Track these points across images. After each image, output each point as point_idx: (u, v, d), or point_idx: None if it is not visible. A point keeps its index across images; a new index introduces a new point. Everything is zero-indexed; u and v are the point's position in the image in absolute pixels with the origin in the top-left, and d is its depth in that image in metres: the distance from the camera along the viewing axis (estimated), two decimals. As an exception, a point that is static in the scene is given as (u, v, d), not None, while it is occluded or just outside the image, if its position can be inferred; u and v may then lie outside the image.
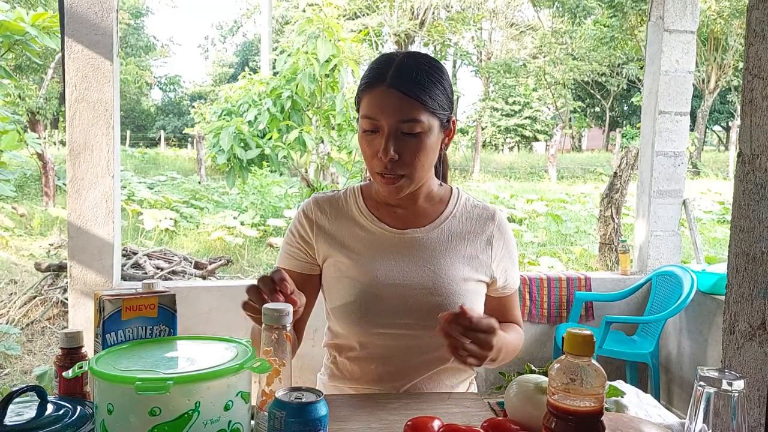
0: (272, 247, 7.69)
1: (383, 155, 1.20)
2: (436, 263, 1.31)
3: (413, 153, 1.22)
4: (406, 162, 1.22)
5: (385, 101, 1.20)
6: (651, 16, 3.77)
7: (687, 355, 3.59)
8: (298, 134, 5.00)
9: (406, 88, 1.20)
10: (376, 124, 1.21)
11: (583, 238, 8.67)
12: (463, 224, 1.37)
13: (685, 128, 3.79)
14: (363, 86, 1.25)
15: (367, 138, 1.24)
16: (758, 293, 1.17)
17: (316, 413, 0.86)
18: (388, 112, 1.20)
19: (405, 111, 1.20)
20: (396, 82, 1.20)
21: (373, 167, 1.25)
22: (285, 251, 1.37)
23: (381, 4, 19.80)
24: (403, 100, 1.19)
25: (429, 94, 1.21)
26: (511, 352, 1.32)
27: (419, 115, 1.20)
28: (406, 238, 1.33)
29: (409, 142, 1.21)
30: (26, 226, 8.17)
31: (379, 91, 1.21)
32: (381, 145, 1.21)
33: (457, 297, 1.29)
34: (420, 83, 1.21)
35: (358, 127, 1.28)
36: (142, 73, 24.14)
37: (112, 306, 1.00)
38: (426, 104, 1.21)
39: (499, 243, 1.37)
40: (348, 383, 1.36)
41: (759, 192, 1.16)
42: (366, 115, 1.23)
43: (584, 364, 0.79)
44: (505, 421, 1.00)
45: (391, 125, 1.20)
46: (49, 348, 4.37)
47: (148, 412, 0.78)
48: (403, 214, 1.35)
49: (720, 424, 0.81)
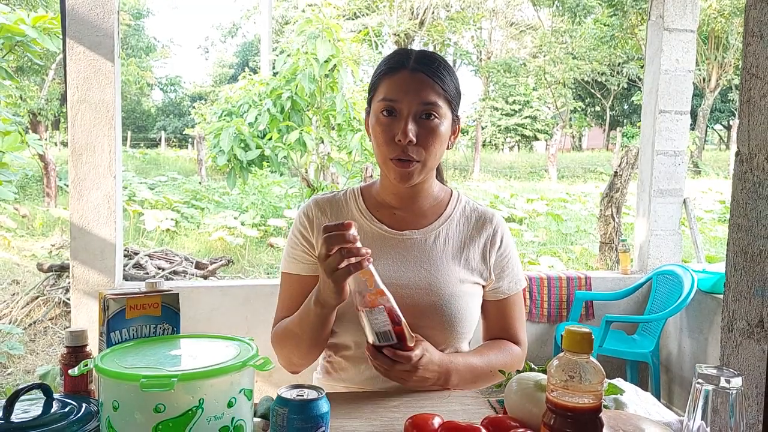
0: (273, 247, 7.71)
1: (402, 137, 1.22)
2: (433, 264, 1.32)
3: (429, 138, 1.25)
4: (421, 146, 1.25)
5: (408, 83, 1.24)
6: (651, 15, 3.77)
7: (687, 355, 3.60)
8: (298, 135, 5.01)
9: (430, 71, 1.25)
10: (396, 107, 1.24)
11: (584, 238, 8.68)
12: (461, 227, 1.38)
13: (685, 127, 3.79)
14: (383, 72, 1.28)
15: (383, 122, 1.26)
16: (756, 291, 1.18)
17: (318, 410, 0.88)
18: (411, 94, 1.24)
19: (427, 93, 1.24)
20: (419, 66, 1.25)
21: (388, 153, 1.26)
22: (289, 255, 1.38)
23: (381, 4, 19.80)
24: (425, 83, 1.24)
25: (446, 82, 1.26)
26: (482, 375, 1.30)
27: (438, 99, 1.25)
28: (404, 239, 1.34)
29: (426, 127, 1.25)
30: (28, 227, 8.18)
31: (401, 75, 1.25)
32: (398, 129, 1.23)
33: (453, 298, 1.30)
34: (438, 70, 1.26)
35: (372, 114, 1.30)
36: (142, 74, 24.14)
37: (117, 305, 1.01)
38: (446, 90, 1.26)
39: (497, 247, 1.38)
40: (342, 382, 1.37)
41: (757, 191, 1.17)
42: (386, 97, 1.25)
43: (583, 361, 0.80)
44: (504, 418, 1.01)
45: (411, 107, 1.23)
46: (52, 348, 4.38)
47: (152, 408, 0.79)
48: (402, 216, 1.37)
49: (718, 421, 0.81)
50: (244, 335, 1.07)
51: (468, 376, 1.28)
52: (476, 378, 1.29)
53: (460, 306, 1.31)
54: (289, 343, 1.31)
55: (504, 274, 1.39)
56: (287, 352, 1.34)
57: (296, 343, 1.29)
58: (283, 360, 1.36)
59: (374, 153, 1.32)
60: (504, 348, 1.38)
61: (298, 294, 1.34)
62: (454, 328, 1.30)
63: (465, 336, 1.35)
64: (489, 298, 1.39)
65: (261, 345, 0.96)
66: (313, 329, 1.25)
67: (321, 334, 1.27)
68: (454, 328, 1.30)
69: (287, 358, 1.35)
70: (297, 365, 1.35)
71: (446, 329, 1.29)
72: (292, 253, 1.37)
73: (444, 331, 1.29)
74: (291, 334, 1.30)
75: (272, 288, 3.41)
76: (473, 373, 1.29)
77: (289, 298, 1.37)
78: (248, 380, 0.88)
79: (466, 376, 1.28)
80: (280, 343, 1.34)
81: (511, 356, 1.37)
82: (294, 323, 1.29)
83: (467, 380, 1.28)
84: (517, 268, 1.41)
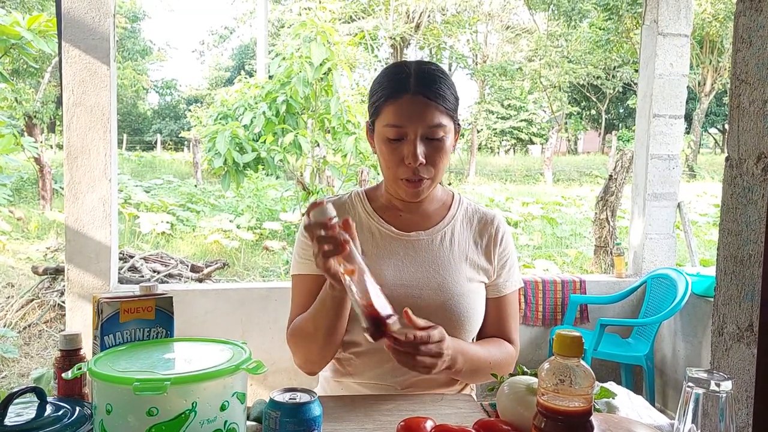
0: (268, 250, 7.70)
1: (412, 161, 1.25)
2: (441, 264, 1.36)
3: (437, 156, 1.28)
4: (430, 165, 1.28)
5: (412, 108, 1.25)
6: (645, 20, 3.79)
7: (682, 358, 3.61)
8: (294, 137, 5.02)
9: (431, 94, 1.26)
10: (402, 132, 1.26)
11: (578, 241, 8.70)
12: (464, 227, 1.42)
13: (679, 131, 3.81)
14: (384, 96, 1.28)
15: (390, 146, 1.28)
16: (746, 295, 1.19)
17: (311, 413, 0.88)
18: (416, 119, 1.25)
19: (431, 116, 1.25)
20: (420, 89, 1.26)
21: (398, 174, 1.29)
22: (300, 257, 1.39)
23: (376, 8, 19.83)
24: (429, 106, 1.25)
25: (447, 98, 1.28)
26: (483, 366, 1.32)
27: (442, 119, 1.27)
28: (411, 239, 1.37)
29: (434, 146, 1.27)
30: (23, 230, 8.16)
31: (404, 100, 1.26)
32: (407, 152, 1.25)
33: (462, 296, 1.34)
34: (439, 88, 1.27)
35: (377, 135, 1.31)
36: (138, 77, 24.13)
37: (111, 308, 1.01)
38: (447, 108, 1.28)
39: (499, 245, 1.42)
40: (351, 378, 1.38)
41: (746, 195, 1.18)
42: (392, 123, 1.26)
43: (573, 365, 0.81)
44: (496, 421, 1.02)
45: (418, 131, 1.25)
46: (46, 351, 4.37)
47: (146, 412, 0.80)
48: (408, 217, 1.40)
49: (708, 424, 0.82)
50: (239, 338, 1.07)
51: (470, 366, 1.29)
52: (477, 368, 1.31)
53: (468, 304, 1.34)
54: (306, 339, 1.31)
55: (503, 272, 1.42)
56: (304, 350, 1.34)
57: (313, 337, 1.29)
58: (299, 359, 1.35)
59: (382, 171, 1.34)
60: (501, 345, 1.40)
61: (312, 293, 1.34)
62: (463, 326, 1.33)
63: (471, 334, 1.38)
64: (487, 295, 1.42)
65: (255, 348, 0.96)
66: (329, 318, 1.25)
67: (336, 324, 1.26)
68: (463, 326, 1.33)
69: (304, 356, 1.34)
70: (314, 363, 1.35)
71: (455, 327, 1.32)
72: (303, 254, 1.38)
73: (453, 330, 1.31)
74: (307, 328, 1.30)
75: (267, 291, 3.41)
76: (475, 362, 1.30)
77: (304, 297, 1.36)
78: (241, 384, 0.89)
79: (469, 365, 1.29)
80: (296, 340, 1.34)
81: (507, 355, 1.39)
82: (309, 319, 1.30)
83: (469, 369, 1.29)
84: (515, 268, 1.45)
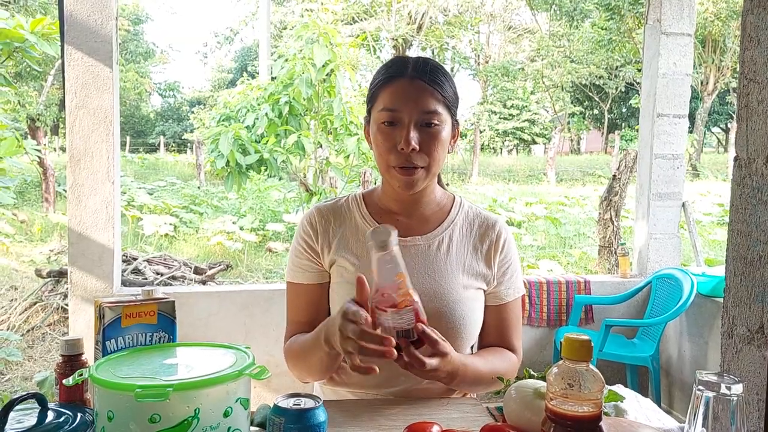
0: (271, 252, 7.70)
1: (405, 146, 1.23)
2: (437, 271, 1.32)
3: (431, 144, 1.26)
4: (424, 153, 1.25)
5: (408, 91, 1.25)
6: (648, 19, 3.78)
7: (688, 359, 3.59)
8: (296, 139, 5.01)
9: (428, 78, 1.25)
10: (397, 116, 1.25)
11: (583, 241, 8.67)
12: (464, 232, 1.38)
13: (683, 131, 3.79)
14: (382, 81, 1.29)
15: (384, 131, 1.26)
16: (756, 297, 1.17)
17: (315, 419, 0.87)
18: (412, 102, 1.24)
19: (427, 101, 1.25)
20: (416, 74, 1.26)
21: (390, 161, 1.27)
22: (294, 264, 1.38)
23: (379, 9, 19.84)
24: (425, 91, 1.25)
25: (444, 88, 1.27)
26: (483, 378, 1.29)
27: (439, 106, 1.26)
28: (408, 245, 1.34)
29: (428, 134, 1.25)
30: (27, 233, 8.17)
31: (401, 83, 1.26)
32: (400, 137, 1.24)
33: (457, 304, 1.31)
34: (437, 76, 1.27)
35: (372, 123, 1.30)
36: (141, 79, 24.18)
37: (112, 313, 1.00)
38: (445, 96, 1.27)
39: (500, 252, 1.38)
40: (345, 387, 1.36)
41: (756, 196, 1.17)
42: (386, 107, 1.26)
43: (582, 369, 0.80)
44: (503, 426, 1.00)
45: (412, 115, 1.24)
46: (50, 354, 4.37)
47: (148, 419, 0.78)
48: (406, 222, 1.37)
49: (719, 428, 0.81)
50: (242, 340, 1.06)
51: (471, 378, 1.26)
52: (477, 380, 1.28)
53: (464, 312, 1.31)
54: (301, 365, 1.34)
55: (504, 279, 1.38)
56: (298, 372, 1.37)
57: (308, 368, 1.32)
58: (295, 374, 1.38)
59: (376, 161, 1.33)
60: (502, 355, 1.37)
61: (306, 303, 1.36)
62: (459, 333, 1.30)
63: (469, 341, 1.35)
64: (488, 303, 1.39)
65: (259, 350, 0.95)
66: (322, 362, 1.26)
67: (332, 365, 1.28)
68: (459, 333, 1.30)
69: (299, 375, 1.38)
70: (309, 380, 1.39)
71: (451, 335, 1.29)
72: (298, 263, 1.37)
73: (449, 337, 1.28)
74: (303, 358, 1.32)
75: (270, 293, 3.40)
76: (476, 374, 1.28)
77: (298, 308, 1.38)
78: (245, 389, 0.88)
79: (469, 376, 1.26)
80: (292, 362, 1.37)
81: (509, 364, 1.36)
82: (305, 350, 1.30)
83: (469, 381, 1.27)
84: (517, 275, 1.41)
